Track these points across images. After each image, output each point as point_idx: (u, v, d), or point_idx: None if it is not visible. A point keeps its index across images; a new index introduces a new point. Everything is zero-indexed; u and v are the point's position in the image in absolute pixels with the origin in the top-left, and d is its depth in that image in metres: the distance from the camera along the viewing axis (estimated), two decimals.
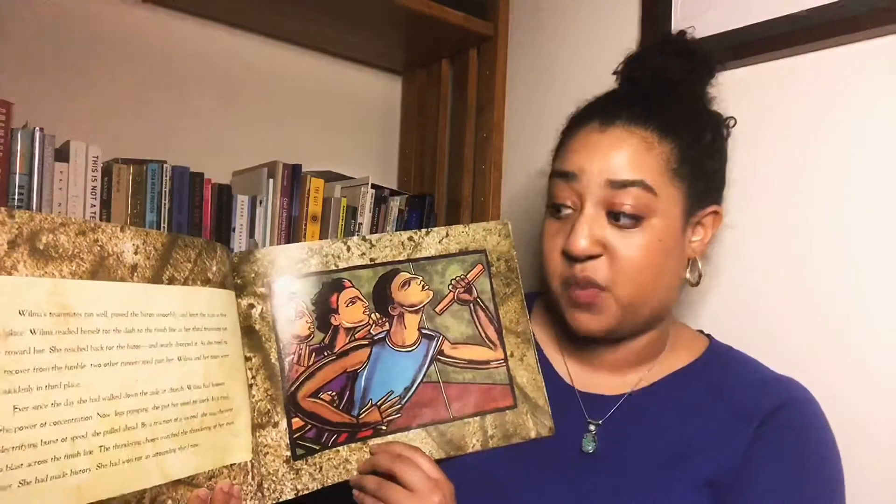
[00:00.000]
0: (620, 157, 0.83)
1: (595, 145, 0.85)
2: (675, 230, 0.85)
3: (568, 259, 0.85)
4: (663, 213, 0.83)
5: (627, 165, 0.82)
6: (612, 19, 1.34)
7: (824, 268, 1.01)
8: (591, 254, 0.83)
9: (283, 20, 1.47)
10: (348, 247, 0.89)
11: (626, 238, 0.83)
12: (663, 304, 0.88)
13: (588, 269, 0.84)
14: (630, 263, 0.83)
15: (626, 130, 0.84)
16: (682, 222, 0.85)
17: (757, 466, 0.80)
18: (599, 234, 0.83)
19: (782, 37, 1.05)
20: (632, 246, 0.82)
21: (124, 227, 0.72)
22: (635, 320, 0.87)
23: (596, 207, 0.84)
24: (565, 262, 0.86)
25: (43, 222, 0.65)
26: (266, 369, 0.83)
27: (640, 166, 0.82)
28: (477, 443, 0.87)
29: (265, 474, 0.80)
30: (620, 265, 0.83)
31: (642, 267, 0.83)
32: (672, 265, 0.86)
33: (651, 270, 0.84)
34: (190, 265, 0.77)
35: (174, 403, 0.73)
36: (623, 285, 0.83)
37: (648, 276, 0.84)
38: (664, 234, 0.83)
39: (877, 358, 0.96)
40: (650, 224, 0.83)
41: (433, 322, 0.90)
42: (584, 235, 0.83)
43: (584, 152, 0.85)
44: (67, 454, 0.64)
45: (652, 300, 0.86)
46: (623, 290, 0.83)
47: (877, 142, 0.97)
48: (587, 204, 0.84)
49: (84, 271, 0.68)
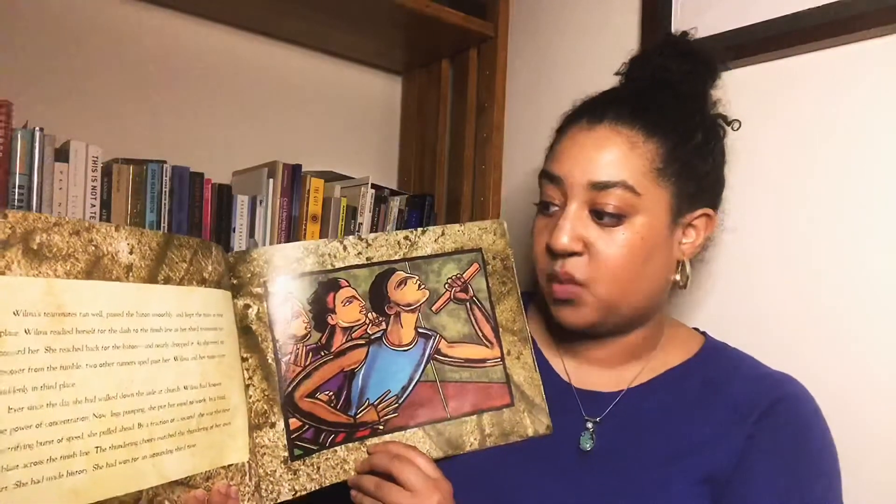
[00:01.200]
0: (603, 157, 0.84)
1: (581, 146, 0.86)
2: (659, 230, 0.85)
3: (551, 255, 0.87)
4: (647, 212, 0.84)
5: (609, 166, 0.83)
6: (612, 19, 1.34)
7: (824, 268, 1.01)
8: (571, 250, 0.84)
9: (284, 20, 1.48)
10: (344, 246, 0.89)
11: (607, 236, 0.84)
12: (648, 302, 0.89)
13: (568, 265, 0.85)
14: (609, 261, 0.83)
15: (612, 129, 0.85)
16: (668, 222, 0.86)
17: (754, 462, 0.80)
18: (581, 232, 0.84)
19: (782, 37, 1.05)
20: (613, 244, 0.83)
21: (119, 227, 0.72)
22: (617, 316, 0.87)
23: (580, 206, 0.85)
24: (549, 258, 0.87)
25: (36, 222, 0.65)
26: (263, 370, 0.83)
27: (623, 166, 0.83)
28: (475, 441, 0.87)
29: (263, 475, 0.80)
30: (600, 263, 0.84)
31: (622, 265, 0.84)
32: (656, 265, 0.86)
33: (631, 269, 0.84)
34: (185, 265, 0.77)
35: (170, 404, 0.73)
36: (601, 282, 0.84)
37: (628, 274, 0.84)
38: (647, 233, 0.84)
39: (875, 357, 0.96)
40: (632, 223, 0.83)
41: (430, 321, 0.90)
42: (566, 232, 0.84)
43: (569, 154, 0.87)
44: (63, 455, 0.64)
45: (633, 298, 0.86)
46: (601, 287, 0.84)
47: (877, 142, 0.97)
48: (571, 203, 0.85)
49: (79, 271, 0.68)
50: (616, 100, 0.89)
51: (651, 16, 1.24)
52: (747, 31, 1.09)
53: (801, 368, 0.89)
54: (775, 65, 1.08)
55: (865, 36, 0.98)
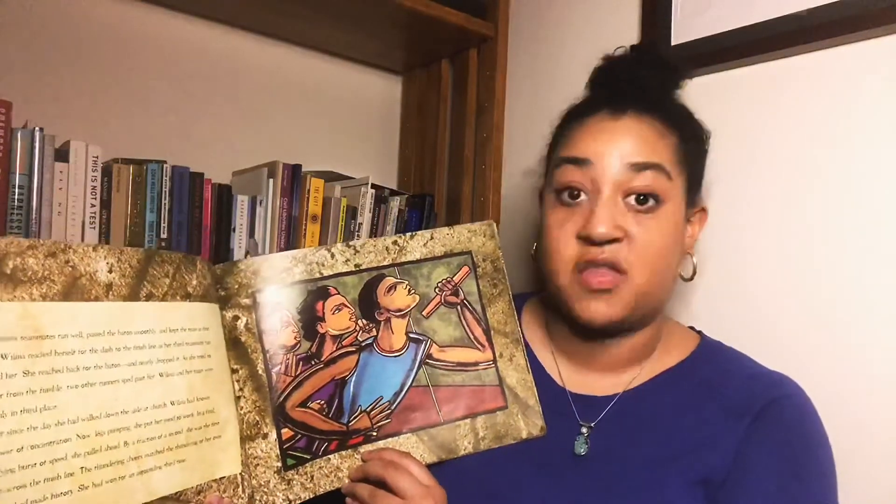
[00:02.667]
0: (637, 141, 0.83)
1: (610, 131, 0.85)
2: (680, 220, 0.86)
3: (585, 244, 0.84)
4: (674, 201, 0.84)
5: (646, 148, 0.83)
6: (612, 19, 1.34)
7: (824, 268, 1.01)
8: (613, 237, 0.82)
9: (284, 20, 1.47)
10: (332, 254, 0.88)
11: (643, 223, 0.83)
12: (667, 295, 0.89)
13: (609, 251, 0.82)
14: (648, 248, 0.82)
15: (638, 119, 0.85)
16: (685, 213, 0.87)
17: (749, 462, 0.79)
18: (619, 219, 0.82)
19: (782, 37, 1.04)
20: (650, 230, 0.83)
21: (97, 247, 0.72)
22: (643, 309, 0.86)
23: (613, 192, 0.83)
24: (581, 247, 0.84)
25: (9, 246, 0.65)
26: (253, 381, 0.83)
27: (656, 150, 0.83)
28: (469, 445, 0.87)
29: (256, 486, 0.80)
30: (639, 250, 0.82)
31: (660, 252, 0.83)
32: (677, 256, 0.87)
33: (667, 257, 0.84)
34: (168, 280, 0.77)
35: (157, 420, 0.73)
36: (641, 270, 0.83)
37: (664, 262, 0.84)
38: (677, 221, 0.85)
39: (872, 355, 0.95)
40: (665, 210, 0.83)
41: (420, 326, 0.89)
42: (606, 219, 0.82)
43: (599, 139, 0.85)
44: (47, 478, 0.64)
45: (662, 288, 0.86)
46: (641, 275, 0.83)
47: (877, 142, 0.96)
48: (604, 188, 0.83)
49: (56, 293, 0.67)
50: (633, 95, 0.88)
51: (651, 16, 1.23)
52: (747, 31, 1.08)
53: (797, 367, 0.88)
54: (775, 65, 1.07)
55: (866, 36, 0.97)
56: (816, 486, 0.79)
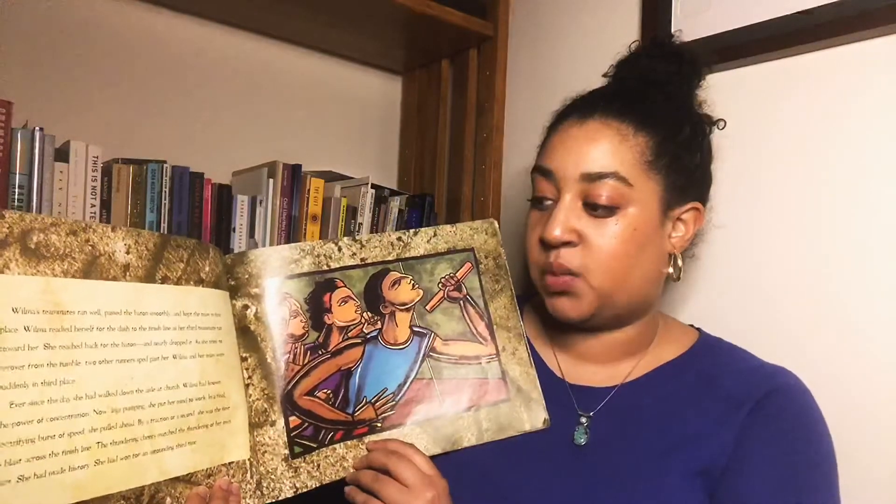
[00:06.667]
0: (595, 150, 0.85)
1: (573, 139, 0.87)
2: (651, 222, 0.86)
3: (545, 247, 0.88)
4: (638, 204, 0.85)
5: (601, 157, 0.85)
6: (612, 19, 1.34)
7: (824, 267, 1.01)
8: (565, 241, 0.85)
9: (283, 20, 1.48)
10: (339, 247, 0.90)
11: (600, 227, 0.85)
12: (643, 296, 0.90)
13: (562, 255, 0.86)
14: (602, 251, 0.85)
15: (603, 123, 0.86)
16: (659, 215, 0.87)
17: (748, 453, 0.81)
18: (575, 223, 0.85)
19: (782, 37, 1.05)
20: (606, 234, 0.85)
21: (116, 228, 0.73)
22: (613, 308, 0.88)
23: (573, 198, 0.86)
24: (542, 251, 0.88)
25: (34, 222, 0.67)
26: (262, 369, 0.84)
27: (614, 158, 0.85)
28: (472, 437, 0.88)
29: (264, 473, 0.81)
30: (593, 252, 0.85)
31: (615, 255, 0.85)
32: (649, 257, 0.87)
33: (625, 259, 0.85)
34: (182, 265, 0.78)
35: (170, 401, 0.74)
36: (596, 272, 0.85)
37: (622, 264, 0.85)
38: (639, 225, 0.85)
39: (872, 350, 0.96)
40: (625, 214, 0.85)
41: (424, 320, 0.91)
42: (559, 223, 0.85)
43: (561, 148, 0.88)
44: (65, 450, 0.65)
45: (628, 289, 0.87)
46: (596, 276, 0.85)
47: (877, 142, 0.97)
48: (564, 195, 0.86)
49: (76, 270, 0.69)
50: (605, 96, 0.91)
51: (651, 16, 1.24)
52: (747, 30, 1.09)
53: (806, 365, 0.89)
54: (775, 65, 1.08)
55: (866, 36, 0.98)
56: (815, 475, 0.80)
